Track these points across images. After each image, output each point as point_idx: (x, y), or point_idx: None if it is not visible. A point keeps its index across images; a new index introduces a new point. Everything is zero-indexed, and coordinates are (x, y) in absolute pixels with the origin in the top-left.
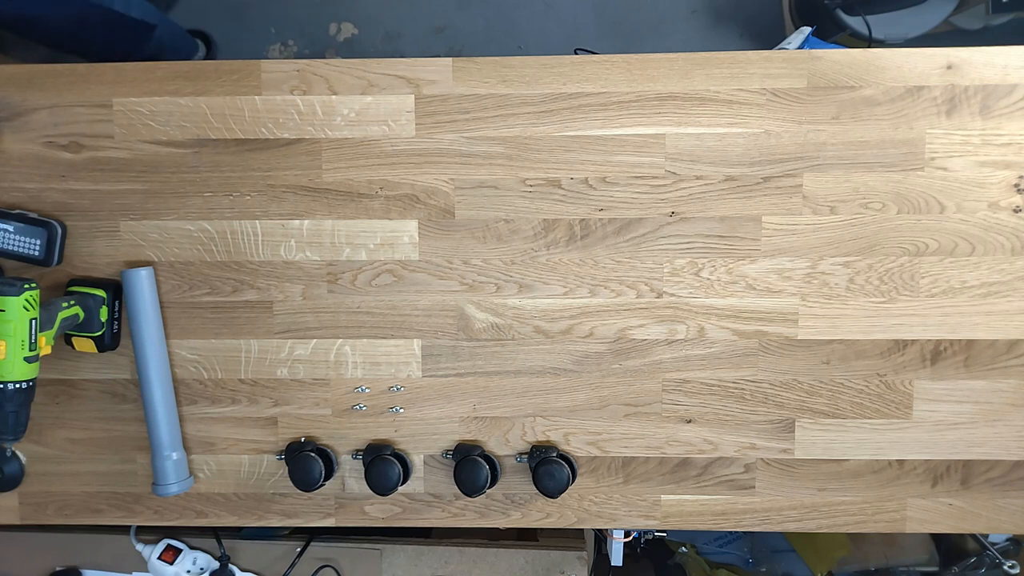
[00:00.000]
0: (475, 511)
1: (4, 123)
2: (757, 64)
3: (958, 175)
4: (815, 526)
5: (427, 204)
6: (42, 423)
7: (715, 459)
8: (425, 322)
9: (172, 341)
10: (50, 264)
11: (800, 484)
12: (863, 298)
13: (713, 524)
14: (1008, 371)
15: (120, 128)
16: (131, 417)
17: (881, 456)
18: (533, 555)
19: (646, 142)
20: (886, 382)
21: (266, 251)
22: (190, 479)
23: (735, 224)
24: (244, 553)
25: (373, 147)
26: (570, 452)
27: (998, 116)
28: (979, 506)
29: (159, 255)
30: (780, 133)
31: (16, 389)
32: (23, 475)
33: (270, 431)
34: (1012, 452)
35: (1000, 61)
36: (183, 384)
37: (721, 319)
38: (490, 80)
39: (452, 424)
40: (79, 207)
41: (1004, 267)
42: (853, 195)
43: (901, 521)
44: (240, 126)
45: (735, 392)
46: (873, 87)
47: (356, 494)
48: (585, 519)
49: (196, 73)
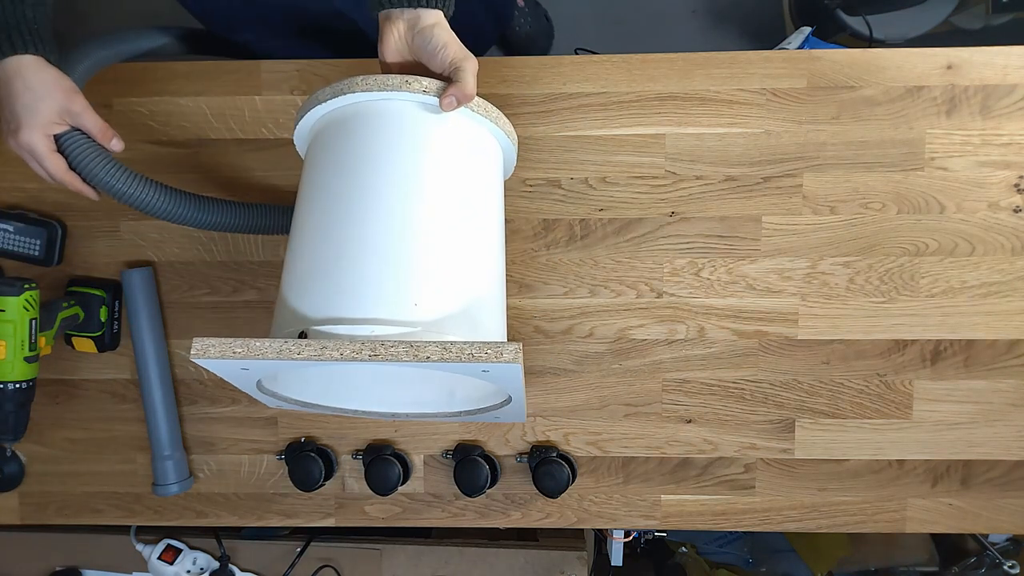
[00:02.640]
0: (475, 511)
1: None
2: (757, 64)
3: (958, 175)
4: (815, 526)
5: None
6: (42, 423)
7: (715, 459)
8: None
9: (172, 341)
10: (50, 264)
11: (800, 484)
12: (863, 298)
13: (713, 524)
14: (1008, 371)
15: (120, 128)
16: (131, 417)
17: (881, 456)
18: (533, 555)
19: (646, 142)
20: (886, 382)
21: (266, 251)
22: (190, 479)
23: (735, 224)
24: (244, 553)
25: None
26: (570, 452)
27: (998, 116)
28: (979, 506)
29: (159, 255)
30: (780, 133)
31: (16, 389)
32: (23, 475)
33: (270, 431)
34: (1012, 452)
35: (1000, 61)
36: (183, 384)
37: (721, 319)
38: (490, 80)
39: (452, 424)
40: (79, 207)
41: (1004, 267)
42: (853, 195)
43: (901, 521)
44: (240, 126)
45: (735, 392)
46: (873, 87)
47: (356, 494)
48: (585, 519)
49: (196, 73)
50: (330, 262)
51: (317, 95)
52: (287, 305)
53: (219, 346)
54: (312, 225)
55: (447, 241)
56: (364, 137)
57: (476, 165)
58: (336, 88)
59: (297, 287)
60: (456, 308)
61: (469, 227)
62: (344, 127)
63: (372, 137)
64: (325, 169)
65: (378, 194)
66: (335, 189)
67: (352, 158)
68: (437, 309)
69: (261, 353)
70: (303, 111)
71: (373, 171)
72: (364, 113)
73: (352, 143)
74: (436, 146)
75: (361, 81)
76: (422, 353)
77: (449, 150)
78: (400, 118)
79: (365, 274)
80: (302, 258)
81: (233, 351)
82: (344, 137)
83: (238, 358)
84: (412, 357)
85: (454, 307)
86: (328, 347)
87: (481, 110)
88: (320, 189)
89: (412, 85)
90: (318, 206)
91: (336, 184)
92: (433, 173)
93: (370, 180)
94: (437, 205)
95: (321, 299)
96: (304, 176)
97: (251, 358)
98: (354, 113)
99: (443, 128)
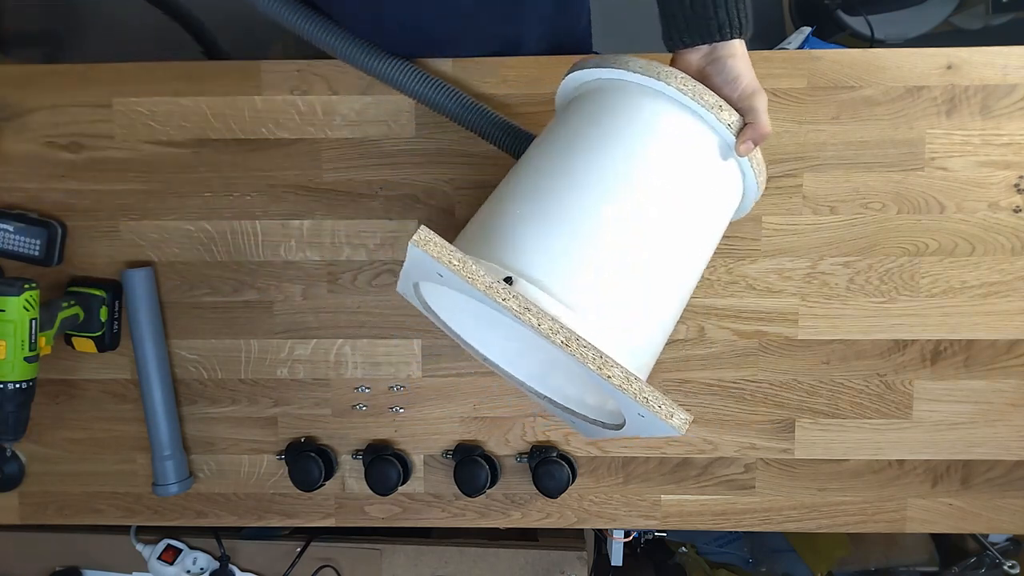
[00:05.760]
0: (475, 511)
1: (4, 123)
2: (757, 64)
3: (958, 175)
4: (815, 526)
5: (427, 204)
6: (42, 423)
7: (715, 459)
8: (425, 322)
9: (172, 341)
10: (50, 264)
11: (800, 484)
12: (863, 298)
13: (713, 524)
14: (1008, 371)
15: (120, 128)
16: (131, 417)
17: (881, 456)
18: (533, 555)
19: None
20: (886, 382)
21: (266, 251)
22: (190, 479)
23: (735, 224)
24: (244, 553)
25: (373, 147)
26: (570, 452)
27: (998, 116)
28: (979, 506)
29: (159, 255)
30: (780, 133)
31: (16, 389)
32: (23, 475)
33: (270, 431)
34: (1012, 452)
35: (1000, 61)
36: (183, 384)
37: (721, 319)
38: (490, 80)
39: (452, 424)
40: (79, 207)
41: (1004, 267)
42: (853, 195)
43: (901, 521)
44: (240, 126)
45: (735, 392)
46: (873, 87)
47: (356, 494)
48: (585, 519)
49: (196, 73)
50: (539, 218)
51: (624, 58)
52: (491, 234)
53: (439, 247)
54: (542, 177)
55: (657, 261)
56: (637, 125)
57: (716, 200)
58: (648, 67)
59: (507, 226)
60: (628, 316)
61: (682, 253)
62: (623, 101)
63: (644, 131)
64: (580, 128)
65: (622, 183)
66: (578, 153)
67: (613, 138)
68: (608, 302)
69: (471, 279)
70: (603, 63)
71: (626, 158)
72: (651, 105)
73: (619, 123)
74: (694, 171)
75: (678, 79)
76: (605, 369)
77: (702, 179)
78: (686, 133)
79: (558, 242)
80: (521, 201)
81: (450, 261)
82: (615, 112)
83: (450, 270)
84: (596, 367)
85: (626, 311)
86: (530, 311)
87: (755, 161)
88: (565, 146)
89: (723, 114)
90: (555, 163)
91: (581, 150)
92: (678, 191)
93: (620, 167)
94: (666, 221)
95: (520, 249)
96: (557, 125)
97: (460, 276)
98: (641, 96)
99: (709, 159)
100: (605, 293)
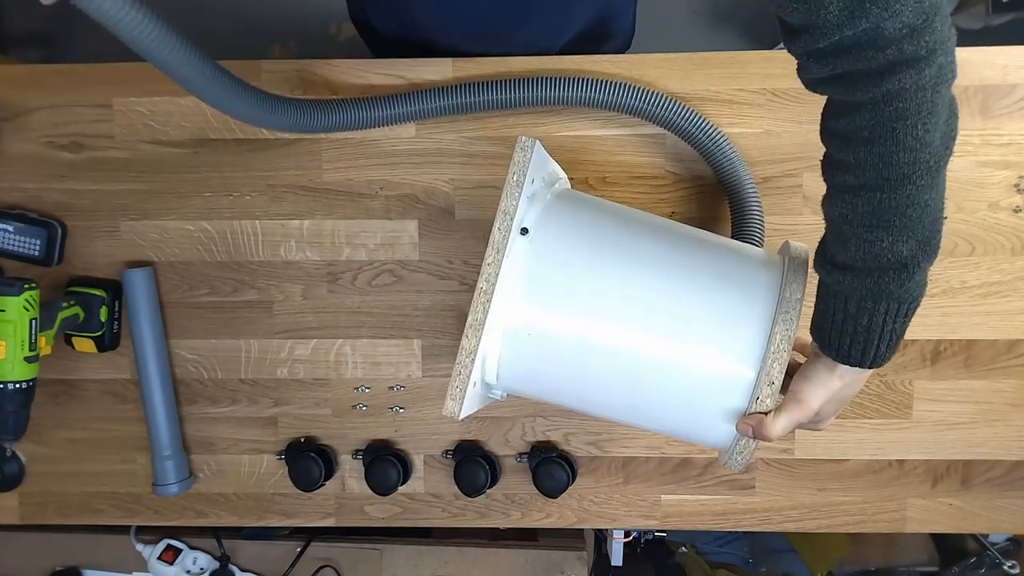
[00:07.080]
0: (475, 511)
1: (4, 123)
2: (757, 64)
3: (958, 175)
4: (815, 526)
5: (427, 204)
6: (42, 423)
7: (715, 459)
8: (425, 322)
9: (172, 341)
10: (50, 264)
11: (800, 484)
12: None
13: (713, 524)
14: (1008, 371)
15: (120, 128)
16: (131, 417)
17: (881, 456)
18: (533, 555)
19: (646, 142)
20: (886, 382)
21: (266, 251)
22: (190, 479)
23: None
24: (244, 553)
25: (373, 147)
26: (570, 452)
27: (998, 116)
28: (979, 506)
29: (159, 255)
30: (780, 133)
31: (16, 389)
32: (23, 475)
33: (270, 431)
34: (1012, 452)
35: (1000, 61)
36: (183, 384)
37: None
38: None
39: (452, 424)
40: (79, 207)
41: (1004, 267)
42: None
43: (901, 521)
44: (240, 126)
45: None
46: None
47: (356, 494)
48: (585, 519)
49: None
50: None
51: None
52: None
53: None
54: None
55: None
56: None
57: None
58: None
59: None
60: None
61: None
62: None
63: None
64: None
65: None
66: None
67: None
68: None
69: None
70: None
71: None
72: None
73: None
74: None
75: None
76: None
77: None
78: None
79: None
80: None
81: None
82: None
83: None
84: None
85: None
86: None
87: (741, 446)
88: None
89: (764, 388)
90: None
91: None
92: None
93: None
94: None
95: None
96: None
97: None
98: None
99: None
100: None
